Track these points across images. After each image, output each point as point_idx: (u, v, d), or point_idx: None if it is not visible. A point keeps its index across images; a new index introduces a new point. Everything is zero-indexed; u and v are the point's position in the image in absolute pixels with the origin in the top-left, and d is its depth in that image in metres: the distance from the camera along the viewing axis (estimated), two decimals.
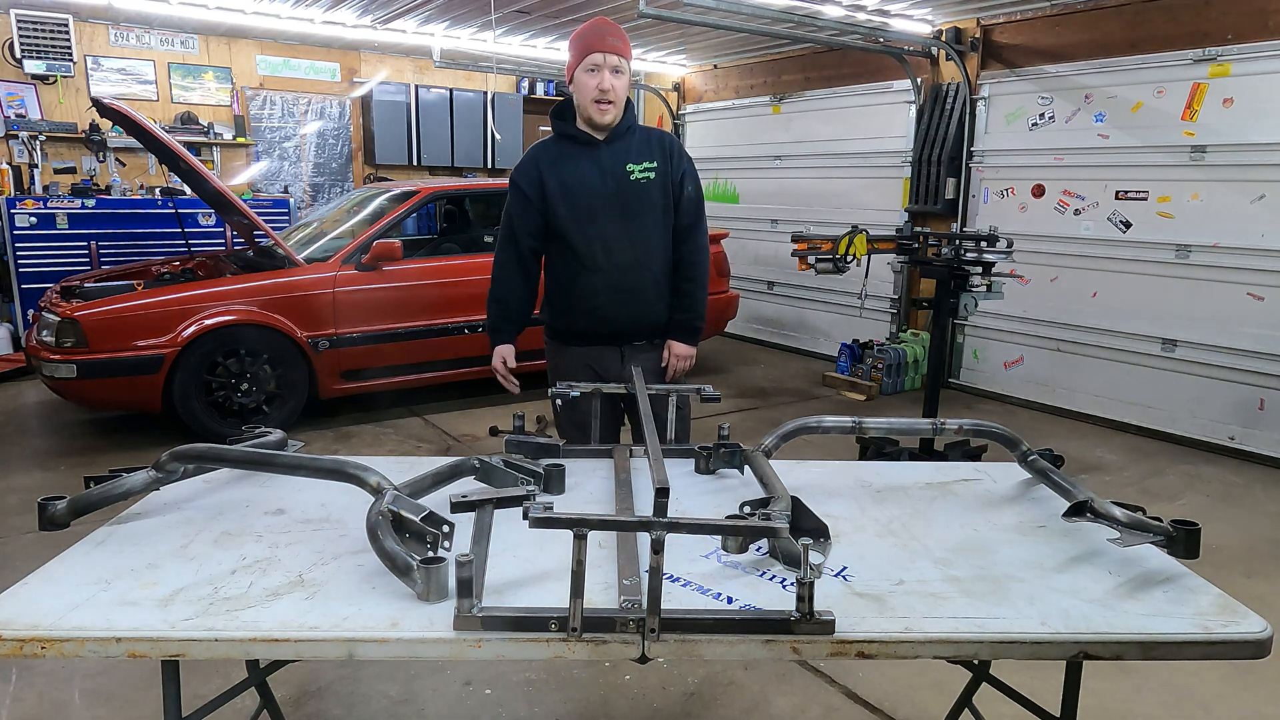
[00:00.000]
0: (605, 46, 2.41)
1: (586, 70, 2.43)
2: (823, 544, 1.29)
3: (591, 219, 2.51)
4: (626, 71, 2.46)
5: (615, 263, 2.53)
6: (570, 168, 2.53)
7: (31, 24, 6.77)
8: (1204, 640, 1.28)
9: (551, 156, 2.56)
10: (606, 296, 2.55)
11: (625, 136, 2.54)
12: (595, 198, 2.51)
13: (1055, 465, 1.91)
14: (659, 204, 2.56)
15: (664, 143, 2.59)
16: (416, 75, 8.72)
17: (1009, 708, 1.94)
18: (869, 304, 6.62)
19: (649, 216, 2.55)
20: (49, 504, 1.56)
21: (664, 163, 2.55)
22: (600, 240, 2.52)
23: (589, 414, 2.19)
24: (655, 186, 2.54)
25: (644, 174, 2.52)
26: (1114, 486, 4.40)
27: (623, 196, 2.51)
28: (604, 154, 2.52)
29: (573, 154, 2.54)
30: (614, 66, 2.42)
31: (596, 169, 2.51)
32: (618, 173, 2.51)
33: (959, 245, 4.17)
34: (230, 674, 2.32)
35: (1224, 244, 4.97)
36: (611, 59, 2.41)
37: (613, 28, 2.47)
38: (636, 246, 2.55)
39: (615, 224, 2.52)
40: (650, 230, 2.56)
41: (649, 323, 2.64)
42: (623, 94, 2.48)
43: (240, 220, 5.41)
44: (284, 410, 4.95)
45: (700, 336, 2.73)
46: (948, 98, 6.41)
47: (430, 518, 1.39)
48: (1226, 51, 4.89)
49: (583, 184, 2.51)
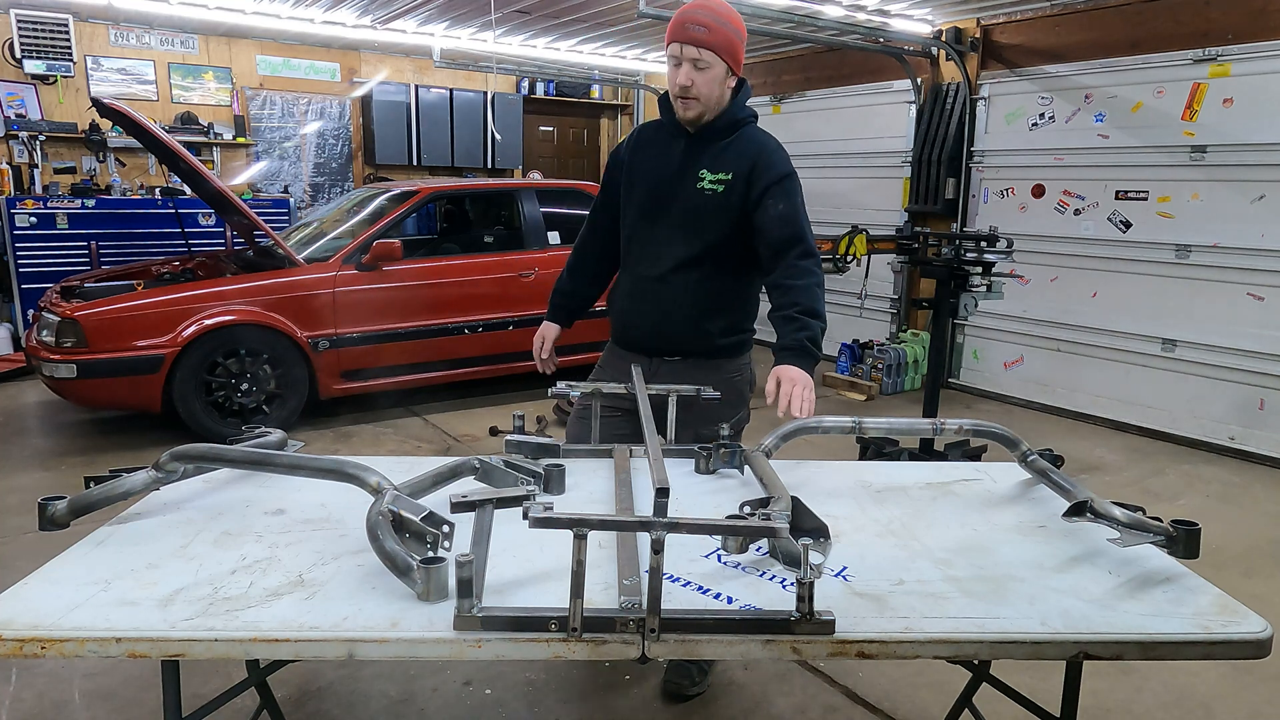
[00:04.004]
0: (684, 36, 2.11)
1: (670, 63, 2.18)
2: (823, 544, 1.29)
3: (645, 218, 2.32)
4: (718, 65, 2.14)
5: (642, 265, 2.33)
6: (648, 154, 2.34)
7: (31, 24, 6.77)
8: (1204, 640, 1.28)
9: (645, 138, 2.39)
10: (629, 302, 2.38)
11: (718, 138, 2.25)
12: (654, 195, 2.30)
13: (1055, 465, 1.91)
14: (717, 219, 2.24)
15: (757, 159, 2.22)
16: (416, 75, 8.72)
17: (1009, 708, 1.94)
18: (869, 304, 6.62)
19: (703, 229, 2.25)
20: (49, 504, 1.57)
21: (742, 179, 2.21)
22: (652, 244, 2.31)
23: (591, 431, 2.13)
24: (720, 200, 2.23)
25: (714, 184, 2.23)
26: (1114, 486, 4.40)
27: (679, 199, 2.26)
28: (684, 150, 2.27)
29: (660, 142, 2.33)
30: (694, 59, 2.12)
31: (669, 164, 2.28)
32: (687, 174, 2.25)
33: (959, 245, 4.17)
34: (230, 674, 2.32)
35: (1224, 244, 4.97)
36: (690, 50, 2.11)
37: (705, 12, 2.12)
38: (673, 256, 2.27)
39: (659, 226, 2.29)
40: (695, 243, 2.26)
41: (677, 340, 2.32)
42: (710, 89, 2.16)
43: (240, 220, 5.41)
44: (284, 410, 4.95)
45: (815, 363, 2.12)
46: (948, 98, 6.40)
47: (430, 518, 1.39)
48: (1226, 51, 4.89)
49: (647, 175, 2.32)
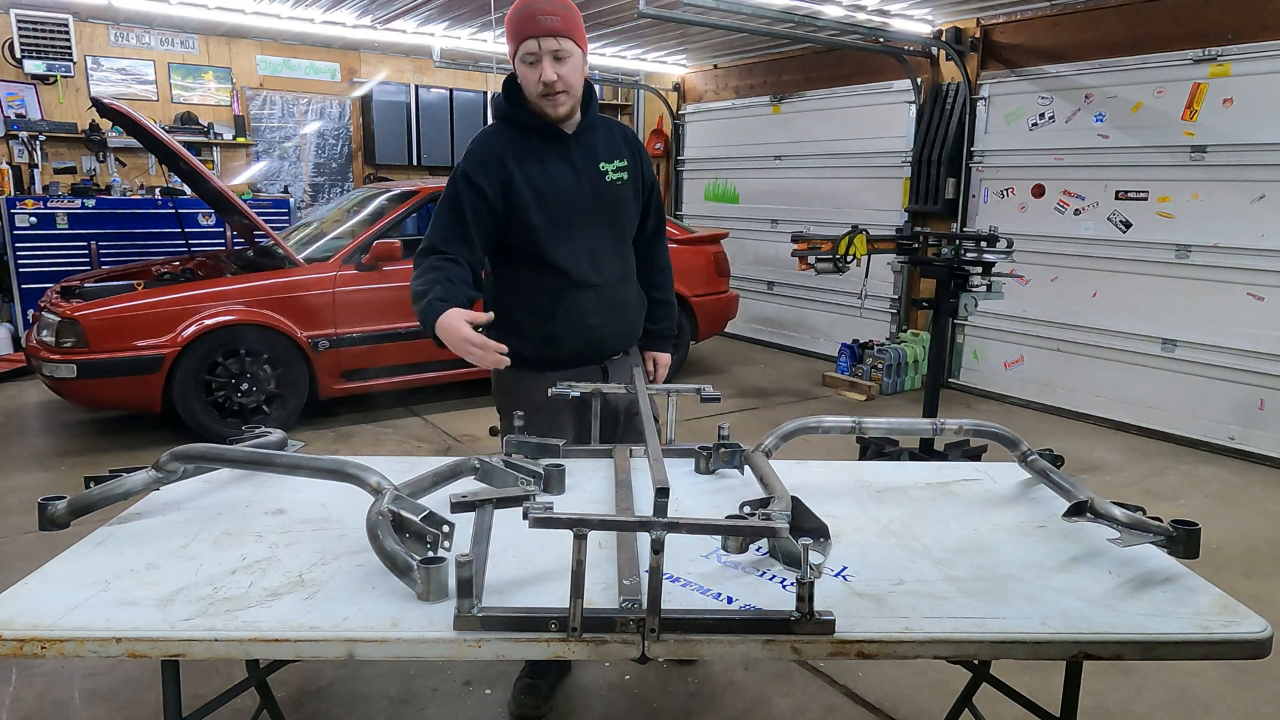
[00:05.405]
0: (539, 29, 1.96)
1: (524, 63, 2.01)
2: (823, 544, 1.29)
3: (574, 229, 2.14)
4: (576, 52, 2.02)
5: (606, 278, 2.21)
6: (538, 166, 2.11)
7: (31, 24, 6.77)
8: (1204, 640, 1.28)
9: (515, 149, 2.10)
10: (600, 316, 2.21)
11: (591, 130, 2.19)
12: (574, 203, 2.14)
13: (1055, 465, 1.91)
14: (633, 208, 2.28)
15: (628, 137, 2.29)
16: (416, 75, 8.72)
17: (1009, 708, 1.94)
18: (869, 304, 6.63)
19: (628, 223, 2.28)
20: (49, 504, 1.57)
21: (634, 161, 2.25)
22: (588, 253, 2.17)
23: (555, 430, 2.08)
24: (629, 188, 2.24)
25: (618, 174, 2.20)
26: (1114, 486, 4.40)
27: (601, 201, 2.18)
28: (574, 151, 2.14)
29: (539, 150, 2.12)
30: (554, 51, 1.98)
31: (569, 169, 2.13)
32: (592, 173, 2.16)
33: (959, 245, 4.16)
34: (230, 674, 2.32)
35: (1224, 244, 4.97)
36: (549, 43, 1.96)
37: (549, 1, 1.99)
38: (623, 258, 2.27)
39: (599, 233, 2.19)
40: (629, 237, 2.31)
41: (632, 335, 2.40)
42: (576, 78, 2.04)
43: (240, 220, 5.42)
44: (284, 410, 4.95)
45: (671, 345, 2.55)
46: (948, 98, 6.40)
47: (430, 518, 1.39)
48: (1226, 51, 4.89)
49: (557, 187, 2.11)
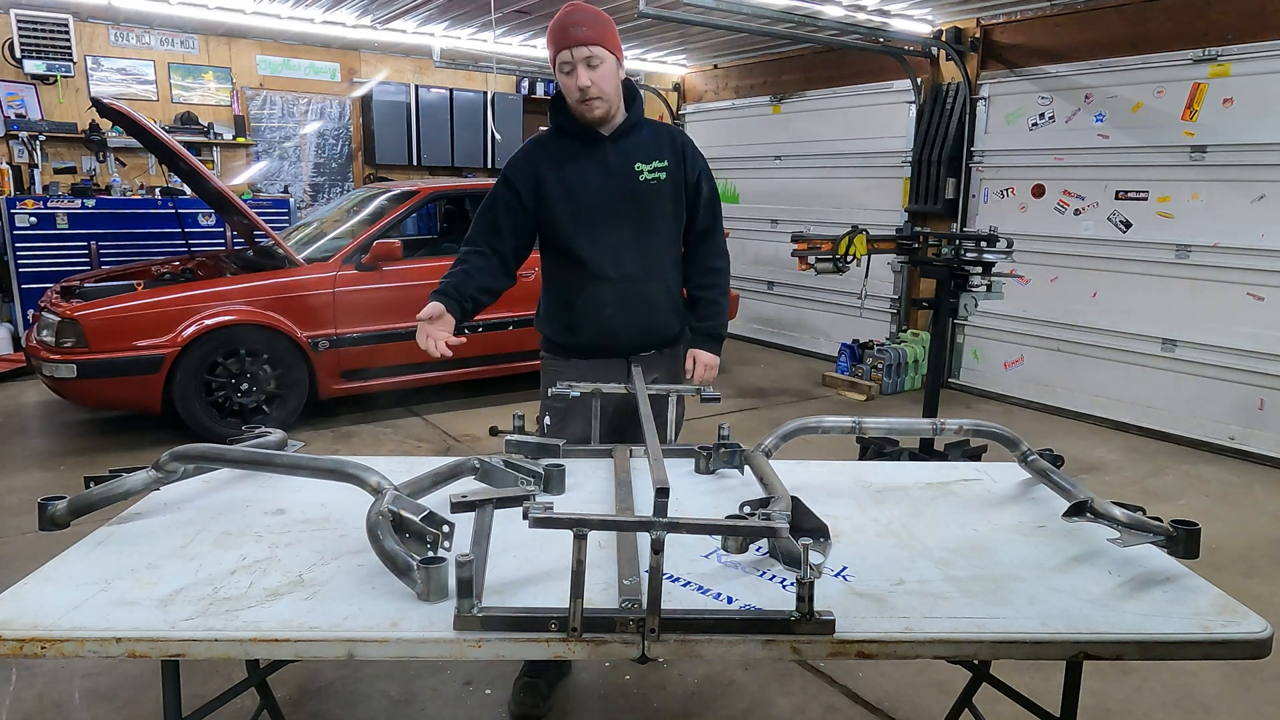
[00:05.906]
0: (570, 40, 2.14)
1: (562, 72, 2.20)
2: (823, 544, 1.29)
3: (598, 225, 2.29)
4: (608, 59, 2.19)
5: (625, 273, 2.31)
6: (572, 167, 2.29)
7: (31, 24, 6.77)
8: (1204, 640, 1.28)
9: (551, 153, 2.32)
10: (615, 309, 2.32)
11: (632, 133, 2.32)
12: (601, 201, 2.29)
13: (1055, 465, 1.91)
14: (670, 207, 2.35)
15: (675, 140, 2.38)
16: (416, 75, 8.72)
17: (1009, 708, 1.94)
18: (869, 304, 6.62)
19: (661, 222, 2.34)
20: (49, 504, 1.57)
21: (676, 162, 2.34)
22: (609, 248, 2.30)
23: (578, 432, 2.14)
24: (666, 188, 2.33)
25: (654, 174, 2.30)
26: (1114, 486, 4.40)
27: (632, 200, 2.30)
28: (609, 152, 2.29)
29: (575, 152, 2.30)
30: (586, 59, 2.15)
31: (602, 169, 2.29)
32: (625, 173, 2.29)
33: (959, 245, 4.16)
34: (230, 674, 2.32)
35: (1224, 244, 4.97)
36: (581, 51, 2.15)
37: (580, 14, 2.17)
38: (647, 255, 2.34)
39: (624, 230, 2.30)
40: (662, 236, 2.36)
41: (659, 335, 2.43)
42: (609, 84, 2.21)
43: (240, 220, 5.41)
44: (284, 410, 4.95)
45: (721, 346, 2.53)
46: (948, 98, 6.40)
47: (430, 518, 1.39)
48: (1226, 51, 4.89)
49: (586, 186, 2.28)
